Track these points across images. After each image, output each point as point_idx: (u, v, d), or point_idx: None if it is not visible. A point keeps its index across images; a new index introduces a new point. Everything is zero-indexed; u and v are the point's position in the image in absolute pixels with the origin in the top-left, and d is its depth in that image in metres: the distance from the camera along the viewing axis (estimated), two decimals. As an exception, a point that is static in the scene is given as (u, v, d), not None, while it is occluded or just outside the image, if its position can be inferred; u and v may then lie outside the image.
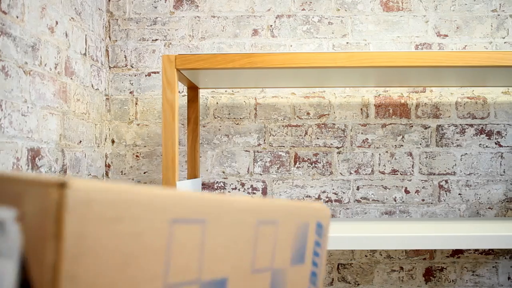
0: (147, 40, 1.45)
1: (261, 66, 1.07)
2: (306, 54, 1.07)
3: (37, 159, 1.07)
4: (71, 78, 1.24)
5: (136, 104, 1.45)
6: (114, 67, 1.46)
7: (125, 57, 1.46)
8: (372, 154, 1.42)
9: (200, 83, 1.30)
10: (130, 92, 1.45)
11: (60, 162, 1.17)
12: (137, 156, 1.44)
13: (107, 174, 1.44)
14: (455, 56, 1.08)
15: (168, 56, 1.08)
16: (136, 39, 1.45)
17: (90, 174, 1.34)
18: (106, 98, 1.46)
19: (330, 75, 1.18)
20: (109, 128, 1.45)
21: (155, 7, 1.45)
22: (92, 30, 1.37)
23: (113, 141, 1.45)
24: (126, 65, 1.46)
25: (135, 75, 1.45)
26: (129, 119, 1.45)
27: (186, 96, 1.43)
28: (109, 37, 1.46)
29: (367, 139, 1.43)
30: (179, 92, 1.45)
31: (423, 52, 1.08)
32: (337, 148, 1.42)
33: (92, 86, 1.37)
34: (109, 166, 1.44)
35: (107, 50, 1.46)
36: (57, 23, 1.17)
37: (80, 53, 1.29)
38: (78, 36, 1.28)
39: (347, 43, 1.43)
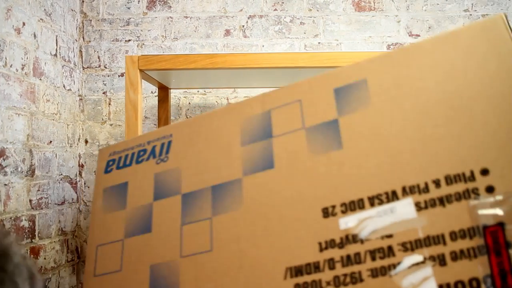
0: (120, 40, 1.46)
1: (222, 67, 1.08)
2: (268, 54, 1.07)
3: (1, 159, 1.08)
4: (40, 79, 1.25)
5: (109, 104, 1.46)
6: (87, 67, 1.47)
7: (99, 57, 1.46)
8: (344, 154, 1.42)
9: (171, 84, 1.30)
10: (104, 93, 1.46)
11: (28, 162, 1.18)
12: (110, 156, 1.45)
13: (80, 174, 1.45)
14: (424, 56, 1.09)
15: (131, 57, 1.09)
16: (110, 40, 1.46)
17: (61, 174, 1.35)
18: (80, 99, 1.47)
19: (302, 75, 1.18)
20: (82, 128, 1.46)
21: (128, 8, 1.46)
22: (64, 31, 1.38)
23: (86, 141, 1.46)
24: (99, 66, 1.46)
25: (108, 76, 1.46)
26: (102, 119, 1.46)
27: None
28: (83, 37, 1.47)
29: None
30: (152, 92, 1.45)
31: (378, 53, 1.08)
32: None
33: (64, 86, 1.38)
34: (82, 166, 1.45)
35: (80, 51, 1.47)
36: (24, 24, 1.17)
37: (51, 54, 1.30)
38: (48, 37, 1.29)
39: (319, 43, 1.43)
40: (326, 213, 0.62)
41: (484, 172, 0.55)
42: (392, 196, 0.59)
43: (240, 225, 0.66)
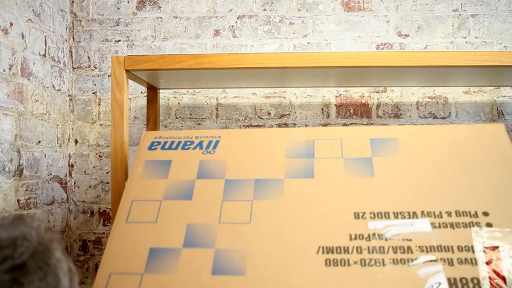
0: (110, 41, 1.46)
1: (208, 67, 1.08)
2: (254, 54, 1.07)
3: (-12, 159, 1.08)
4: (29, 79, 1.25)
5: (99, 104, 1.46)
6: (77, 67, 1.47)
7: (89, 58, 1.47)
8: (333, 154, 1.42)
9: (159, 84, 1.30)
10: (93, 93, 1.46)
11: (16, 162, 1.19)
12: (100, 156, 1.45)
13: (70, 173, 1.45)
14: (415, 56, 1.08)
15: (117, 57, 1.09)
16: (99, 40, 1.46)
17: (50, 174, 1.35)
18: (70, 99, 1.47)
19: (290, 75, 1.18)
20: (72, 128, 1.46)
21: (118, 8, 1.46)
22: (53, 31, 1.38)
23: (76, 141, 1.46)
24: (89, 66, 1.47)
25: (98, 76, 1.47)
26: (92, 119, 1.46)
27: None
28: (73, 38, 1.47)
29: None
30: (141, 93, 1.46)
31: (376, 52, 1.08)
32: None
33: (53, 86, 1.38)
34: (72, 166, 1.46)
35: (70, 51, 1.47)
36: (11, 24, 1.18)
37: (39, 54, 1.30)
38: (36, 37, 1.29)
39: (308, 43, 1.44)
40: (357, 216, 0.77)
41: (485, 214, 0.76)
42: (413, 215, 0.76)
43: (279, 210, 0.79)
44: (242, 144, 0.92)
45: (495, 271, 0.68)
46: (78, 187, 1.45)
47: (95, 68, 1.47)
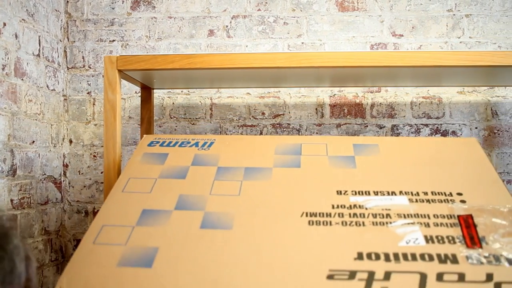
0: (105, 41, 1.46)
1: (200, 67, 1.08)
2: (246, 54, 1.07)
3: (-20, 159, 1.08)
4: (22, 79, 1.25)
5: (94, 104, 1.46)
6: (72, 67, 1.47)
7: (83, 58, 1.47)
8: (327, 153, 1.42)
9: (153, 84, 1.30)
10: (88, 93, 1.46)
11: (9, 162, 1.19)
12: (94, 156, 1.45)
13: (64, 173, 1.46)
14: (408, 56, 1.08)
15: (110, 57, 1.09)
16: (94, 40, 1.47)
17: (44, 174, 1.35)
18: (64, 99, 1.47)
19: (284, 75, 1.18)
20: (67, 128, 1.47)
21: (113, 8, 1.46)
22: (47, 31, 1.38)
23: (70, 141, 1.46)
24: (84, 66, 1.47)
25: (92, 76, 1.47)
26: (87, 119, 1.46)
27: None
28: (67, 38, 1.47)
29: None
30: (136, 93, 1.46)
31: (369, 52, 1.08)
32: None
33: (48, 86, 1.38)
34: (66, 166, 1.46)
35: (65, 51, 1.47)
36: (5, 24, 1.18)
37: (33, 54, 1.30)
38: (30, 37, 1.29)
39: (302, 43, 1.44)
40: (340, 193, 0.85)
41: (459, 194, 0.84)
42: (391, 193, 0.84)
43: (267, 187, 0.87)
44: (235, 145, 1.00)
45: (469, 232, 0.74)
46: (73, 187, 1.45)
47: (90, 68, 1.47)
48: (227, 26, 1.45)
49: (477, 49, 1.42)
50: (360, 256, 0.70)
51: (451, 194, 0.83)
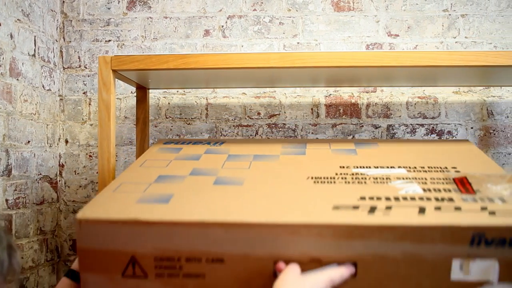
0: (101, 41, 1.46)
1: (195, 67, 1.08)
2: (239, 55, 1.07)
3: (-25, 159, 1.09)
4: (17, 79, 1.25)
5: (90, 104, 1.46)
6: (68, 67, 1.47)
7: (79, 58, 1.47)
8: (323, 153, 1.42)
9: (148, 84, 1.31)
10: (84, 93, 1.47)
11: (4, 162, 1.19)
12: (90, 156, 1.46)
13: (60, 173, 1.46)
14: (401, 56, 1.08)
15: (104, 57, 1.09)
16: (90, 40, 1.47)
17: (40, 174, 1.36)
18: (60, 99, 1.47)
19: (279, 75, 1.18)
20: (63, 128, 1.47)
21: (109, 8, 1.47)
22: (43, 31, 1.38)
23: (66, 141, 1.46)
24: (79, 66, 1.47)
25: (88, 76, 1.47)
26: (83, 119, 1.46)
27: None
28: (63, 38, 1.47)
29: (317, 138, 1.43)
30: (132, 93, 1.46)
31: (363, 52, 1.08)
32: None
33: (43, 86, 1.38)
34: (62, 166, 1.46)
35: (61, 51, 1.47)
36: (0, 24, 1.18)
37: (28, 54, 1.30)
38: (25, 37, 1.29)
39: (298, 43, 1.44)
40: (343, 167, 0.93)
41: (454, 168, 0.92)
42: (391, 167, 0.93)
43: (275, 165, 0.96)
44: (243, 145, 1.13)
45: (464, 185, 0.82)
46: (69, 187, 1.45)
47: (86, 68, 1.47)
48: (222, 26, 1.45)
49: (473, 49, 1.42)
50: (363, 198, 0.77)
51: (447, 169, 0.91)
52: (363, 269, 0.70)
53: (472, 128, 1.42)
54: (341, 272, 0.69)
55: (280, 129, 1.43)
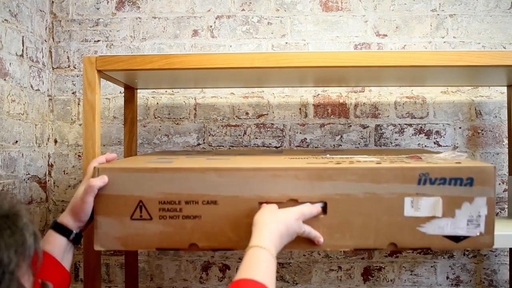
0: (90, 41, 1.47)
1: (180, 67, 1.08)
2: (224, 55, 1.07)
3: (-40, 159, 1.09)
4: (5, 79, 1.25)
5: (79, 104, 1.47)
6: (57, 68, 1.47)
7: (68, 58, 1.47)
8: (311, 153, 1.42)
9: (136, 84, 1.31)
10: (73, 93, 1.47)
11: (-9, 162, 1.19)
12: (79, 156, 1.46)
13: (49, 173, 1.46)
14: (387, 56, 1.08)
15: (89, 58, 1.09)
16: (79, 40, 1.47)
17: (28, 174, 1.36)
18: (49, 99, 1.47)
19: (266, 75, 1.19)
20: (52, 128, 1.47)
21: (98, 9, 1.47)
22: (32, 31, 1.38)
23: (55, 141, 1.47)
24: (69, 66, 1.47)
25: (77, 76, 1.47)
26: (72, 119, 1.47)
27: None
28: (53, 38, 1.48)
29: (306, 138, 1.43)
30: (120, 93, 1.46)
31: (350, 52, 1.08)
32: (276, 147, 1.43)
33: (32, 87, 1.38)
34: (51, 165, 1.46)
35: (50, 51, 1.48)
36: (-14, 25, 1.18)
37: (16, 54, 1.31)
38: (13, 37, 1.29)
39: (286, 43, 1.44)
40: (315, 157, 1.02)
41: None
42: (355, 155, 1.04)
43: (255, 158, 1.05)
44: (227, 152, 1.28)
45: (414, 158, 0.96)
46: (58, 186, 1.45)
47: (75, 68, 1.47)
48: (211, 26, 1.45)
49: (461, 49, 1.42)
50: (331, 162, 0.92)
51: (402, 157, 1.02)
52: (332, 207, 0.85)
53: (460, 128, 1.42)
54: (310, 209, 0.83)
55: (268, 129, 1.44)
